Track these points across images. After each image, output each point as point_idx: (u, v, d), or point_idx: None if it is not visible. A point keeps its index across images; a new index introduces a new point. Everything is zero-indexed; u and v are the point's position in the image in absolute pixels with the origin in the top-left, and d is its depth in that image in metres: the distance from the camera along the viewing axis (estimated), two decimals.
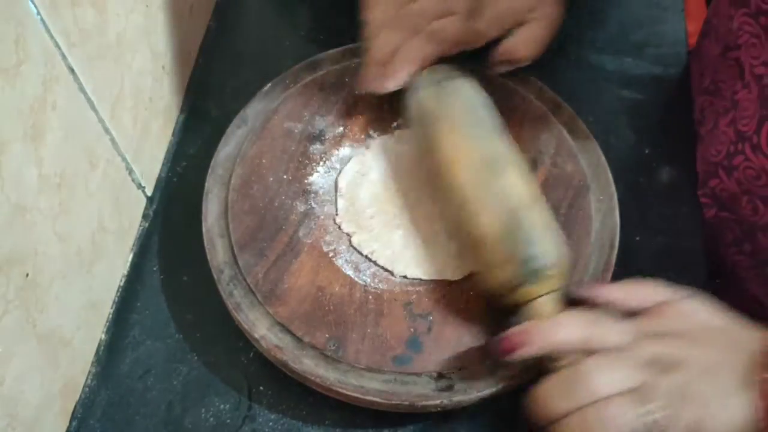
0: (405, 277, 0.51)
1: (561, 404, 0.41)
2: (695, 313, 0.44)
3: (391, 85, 0.55)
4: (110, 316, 0.53)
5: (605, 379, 0.41)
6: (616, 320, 0.44)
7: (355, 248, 0.52)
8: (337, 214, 0.54)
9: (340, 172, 0.56)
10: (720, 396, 0.40)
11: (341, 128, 0.58)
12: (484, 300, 0.50)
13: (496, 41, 0.56)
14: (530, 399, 0.43)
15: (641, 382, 0.41)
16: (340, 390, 0.46)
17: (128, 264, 0.56)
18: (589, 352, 0.42)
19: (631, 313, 0.45)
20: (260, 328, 0.49)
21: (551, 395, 0.42)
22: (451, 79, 0.54)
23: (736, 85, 0.56)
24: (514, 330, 0.44)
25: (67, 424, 0.49)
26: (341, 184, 0.55)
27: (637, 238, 0.56)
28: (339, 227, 0.53)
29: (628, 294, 0.46)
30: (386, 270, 0.51)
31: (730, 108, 0.56)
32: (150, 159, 0.58)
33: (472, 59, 0.56)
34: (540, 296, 0.45)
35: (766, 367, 0.40)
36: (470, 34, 0.54)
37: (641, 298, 0.45)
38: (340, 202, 0.54)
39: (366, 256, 0.52)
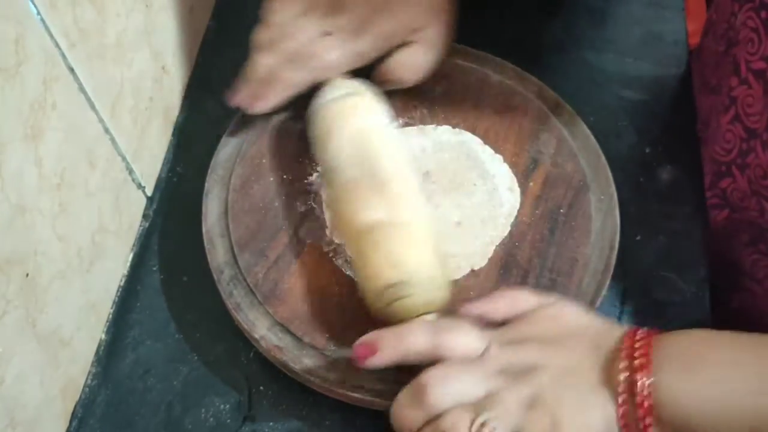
0: None
1: (412, 418, 0.41)
2: (560, 316, 0.44)
3: (259, 108, 0.55)
4: (110, 316, 0.53)
5: (445, 390, 0.40)
6: (473, 327, 0.43)
7: None
8: (327, 227, 0.53)
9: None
10: (577, 398, 0.40)
11: None
12: None
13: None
14: (391, 413, 0.42)
15: (487, 392, 0.40)
16: (340, 390, 0.46)
17: (128, 264, 0.56)
18: (438, 361, 0.42)
19: (501, 324, 0.44)
20: (260, 328, 0.49)
21: (402, 409, 0.42)
22: (348, 95, 0.53)
23: (732, 81, 0.55)
24: (366, 337, 0.44)
25: (67, 424, 0.49)
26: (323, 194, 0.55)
27: (638, 238, 0.56)
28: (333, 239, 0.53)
29: (496, 305, 0.45)
30: None
31: (729, 105, 0.56)
32: (150, 159, 0.58)
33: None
34: (416, 316, 0.45)
35: (619, 364, 0.40)
36: (351, 56, 0.54)
37: (509, 307, 0.45)
38: (328, 214, 0.53)
39: None
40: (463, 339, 0.43)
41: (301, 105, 0.58)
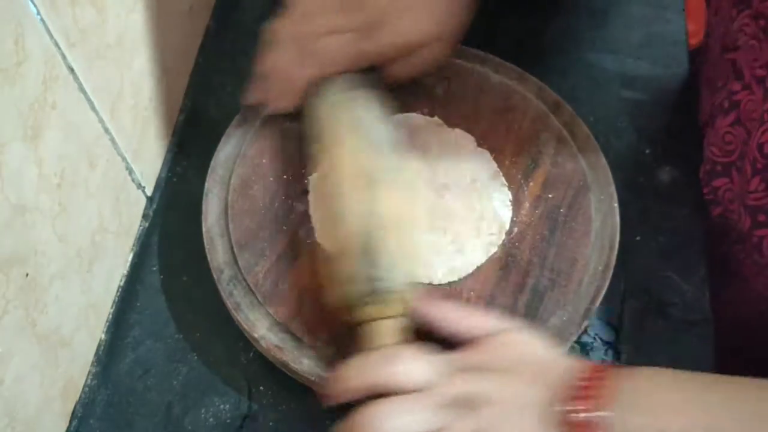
0: None
1: None
2: (516, 345, 0.43)
3: (278, 108, 0.55)
4: (110, 316, 0.53)
5: (391, 426, 0.40)
6: (428, 356, 0.43)
7: None
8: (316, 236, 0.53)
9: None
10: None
11: None
12: (483, 300, 0.50)
13: None
14: None
15: (438, 426, 0.40)
16: None
17: (128, 264, 0.56)
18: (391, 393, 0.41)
19: (455, 344, 0.44)
20: (260, 328, 0.49)
21: None
22: (345, 93, 0.53)
23: (734, 85, 0.56)
24: (324, 381, 0.44)
25: (67, 424, 0.49)
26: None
27: (637, 238, 0.56)
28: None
29: (459, 317, 0.45)
30: None
31: (730, 108, 0.56)
32: (150, 159, 0.58)
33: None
34: (380, 319, 0.44)
35: (566, 399, 0.39)
36: (358, 56, 0.54)
37: (471, 325, 0.45)
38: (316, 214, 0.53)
39: None
40: (422, 368, 0.42)
41: (300, 105, 0.59)
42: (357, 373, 0.43)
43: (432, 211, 0.53)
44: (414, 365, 0.42)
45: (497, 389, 0.41)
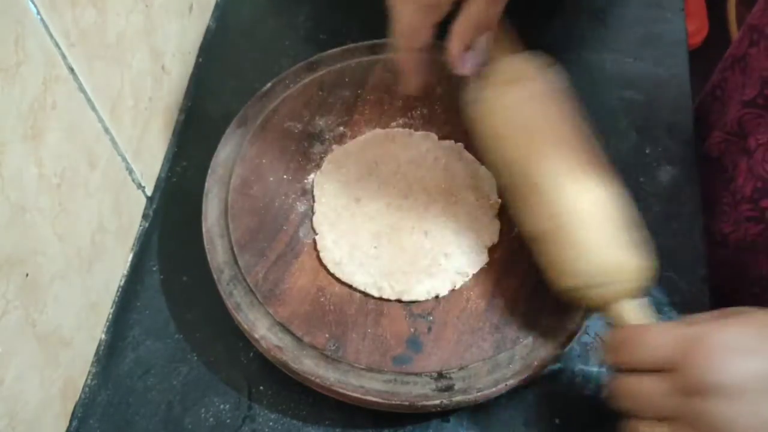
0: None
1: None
2: None
3: (406, 85, 0.53)
4: (110, 316, 0.53)
5: (634, 404, 0.41)
6: (671, 329, 0.41)
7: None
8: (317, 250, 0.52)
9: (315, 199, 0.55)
10: None
11: (341, 128, 0.58)
12: (483, 300, 0.50)
13: None
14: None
15: (670, 414, 0.39)
16: (340, 390, 0.46)
17: (128, 264, 0.56)
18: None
19: None
20: (260, 328, 0.49)
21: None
22: (521, 80, 0.51)
23: None
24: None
25: (67, 424, 0.49)
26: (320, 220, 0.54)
27: None
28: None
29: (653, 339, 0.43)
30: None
31: None
32: (150, 159, 0.58)
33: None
34: (618, 301, 0.44)
35: None
36: None
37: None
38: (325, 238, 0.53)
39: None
40: (652, 348, 0.41)
41: (300, 105, 0.59)
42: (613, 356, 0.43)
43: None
44: (660, 338, 0.41)
45: (736, 408, 0.38)
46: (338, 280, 0.51)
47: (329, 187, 0.55)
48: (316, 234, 0.52)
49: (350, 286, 0.50)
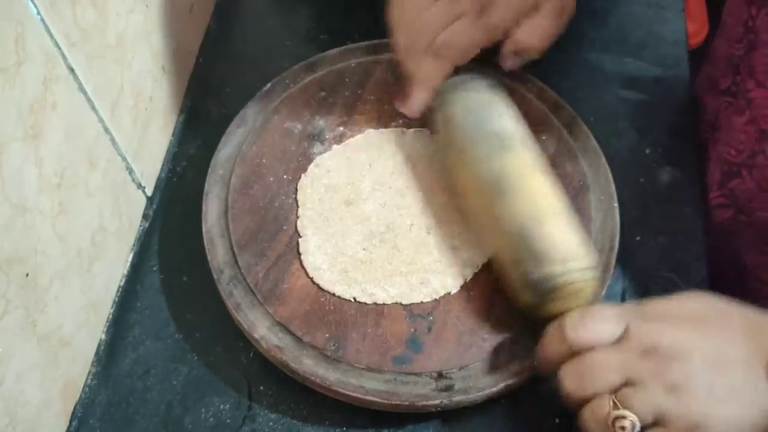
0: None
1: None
2: (704, 299, 0.42)
3: (417, 112, 0.56)
4: (110, 316, 0.53)
5: (587, 383, 0.41)
6: (606, 311, 0.43)
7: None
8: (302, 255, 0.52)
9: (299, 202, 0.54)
10: (731, 389, 0.38)
11: (341, 128, 0.58)
12: (483, 300, 0.50)
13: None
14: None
15: (627, 378, 0.40)
16: (340, 390, 0.46)
17: (128, 264, 0.56)
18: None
19: None
20: (260, 328, 0.49)
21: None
22: (465, 85, 0.53)
23: (748, 83, 0.55)
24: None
25: (67, 424, 0.49)
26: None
27: (638, 239, 0.56)
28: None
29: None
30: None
31: (745, 107, 0.55)
32: (150, 159, 0.58)
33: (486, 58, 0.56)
34: (571, 310, 0.45)
35: None
36: (483, 31, 0.53)
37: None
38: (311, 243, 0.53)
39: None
40: (599, 327, 0.42)
41: (300, 105, 0.59)
42: (553, 343, 0.44)
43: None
44: (603, 321, 0.42)
45: (694, 339, 0.39)
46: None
47: (315, 191, 0.54)
48: (300, 237, 0.52)
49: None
